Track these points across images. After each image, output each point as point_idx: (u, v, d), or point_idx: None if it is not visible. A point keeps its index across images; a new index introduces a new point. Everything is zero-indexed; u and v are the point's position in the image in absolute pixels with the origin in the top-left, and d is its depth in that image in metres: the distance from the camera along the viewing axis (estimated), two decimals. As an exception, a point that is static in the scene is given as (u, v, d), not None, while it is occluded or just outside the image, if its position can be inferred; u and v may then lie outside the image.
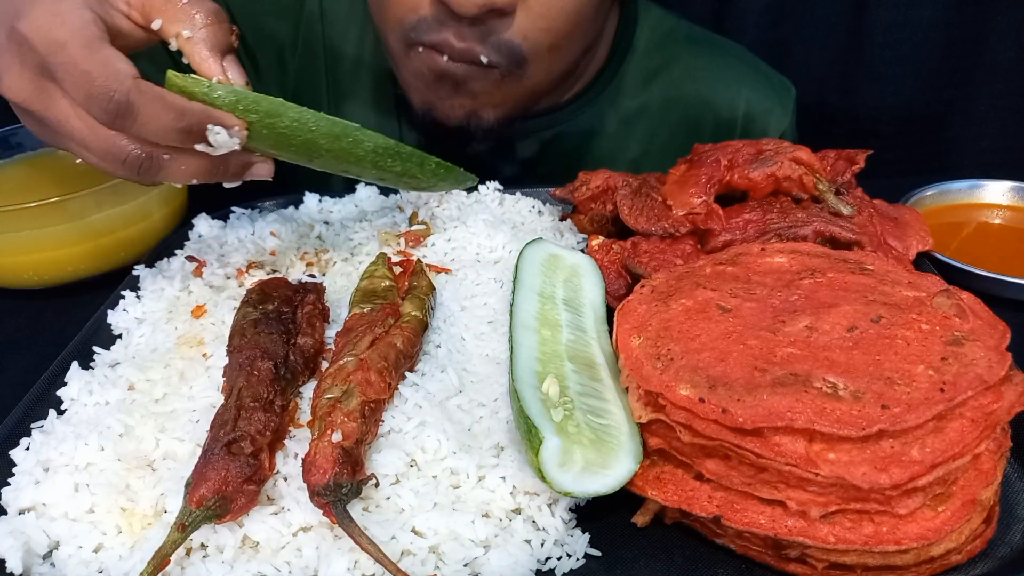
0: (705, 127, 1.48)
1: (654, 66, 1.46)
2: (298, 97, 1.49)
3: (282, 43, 1.46)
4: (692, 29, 1.54)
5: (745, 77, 1.50)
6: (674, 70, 1.47)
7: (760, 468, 0.65)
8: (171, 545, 0.64)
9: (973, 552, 0.67)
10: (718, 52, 1.53)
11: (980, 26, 1.77)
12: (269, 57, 1.47)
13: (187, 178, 0.86)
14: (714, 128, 1.48)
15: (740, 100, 1.47)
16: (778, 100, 1.50)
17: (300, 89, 1.48)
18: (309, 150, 0.87)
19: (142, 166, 0.82)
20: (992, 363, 0.66)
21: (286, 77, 1.49)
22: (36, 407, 0.85)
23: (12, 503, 0.73)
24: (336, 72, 1.47)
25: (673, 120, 1.48)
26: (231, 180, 0.90)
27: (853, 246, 0.93)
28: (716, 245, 0.96)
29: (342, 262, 1.09)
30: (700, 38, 1.53)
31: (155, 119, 0.79)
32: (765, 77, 1.52)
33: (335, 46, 1.45)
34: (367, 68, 1.46)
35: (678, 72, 1.47)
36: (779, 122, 1.49)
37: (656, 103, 1.47)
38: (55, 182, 1.24)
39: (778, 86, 1.52)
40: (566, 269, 0.93)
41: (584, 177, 1.17)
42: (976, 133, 1.89)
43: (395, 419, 0.77)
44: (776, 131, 1.49)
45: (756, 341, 0.71)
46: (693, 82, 1.47)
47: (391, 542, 0.67)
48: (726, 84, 1.48)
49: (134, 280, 1.07)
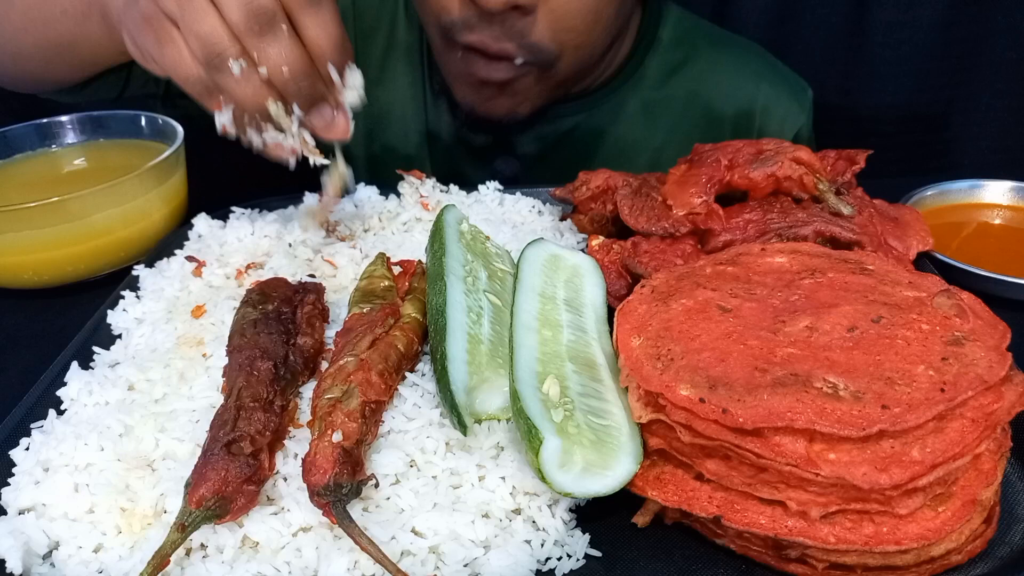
0: (725, 121, 1.52)
1: (676, 60, 1.51)
2: None
3: None
4: (712, 28, 1.60)
5: (764, 75, 1.54)
6: (696, 65, 1.52)
7: (760, 468, 0.65)
8: (171, 545, 0.64)
9: (973, 552, 0.67)
10: (738, 50, 1.58)
11: (980, 26, 1.77)
12: None
13: (256, 99, 0.88)
14: (733, 122, 1.52)
15: (759, 96, 1.52)
16: (795, 98, 1.54)
17: None
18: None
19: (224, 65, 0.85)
20: (992, 363, 0.66)
21: None
22: (36, 407, 0.85)
23: (12, 503, 0.73)
24: (367, 58, 1.50)
25: (694, 113, 1.52)
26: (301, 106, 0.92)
27: (853, 246, 0.93)
28: (716, 245, 0.96)
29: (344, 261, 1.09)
30: (721, 36, 1.59)
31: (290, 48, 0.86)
32: (783, 76, 1.56)
33: (365, 33, 1.50)
34: (398, 55, 1.50)
35: (700, 67, 1.52)
36: (796, 119, 1.53)
37: (678, 96, 1.51)
38: (55, 182, 1.25)
39: (795, 85, 1.56)
40: (567, 269, 0.93)
41: (584, 177, 1.17)
42: (976, 133, 1.89)
43: (395, 419, 0.77)
44: (792, 128, 1.52)
45: (756, 341, 0.71)
46: (714, 77, 1.52)
47: (391, 542, 0.67)
48: (745, 80, 1.52)
49: (134, 280, 1.07)
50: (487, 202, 1.23)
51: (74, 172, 1.27)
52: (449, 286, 0.86)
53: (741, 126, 1.52)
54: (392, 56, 1.51)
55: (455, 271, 0.89)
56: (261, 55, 0.86)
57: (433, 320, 0.84)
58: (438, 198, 1.24)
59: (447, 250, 0.91)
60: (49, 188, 1.07)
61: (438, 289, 0.86)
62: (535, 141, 1.51)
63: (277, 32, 0.85)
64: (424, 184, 1.25)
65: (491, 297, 0.89)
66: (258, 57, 0.86)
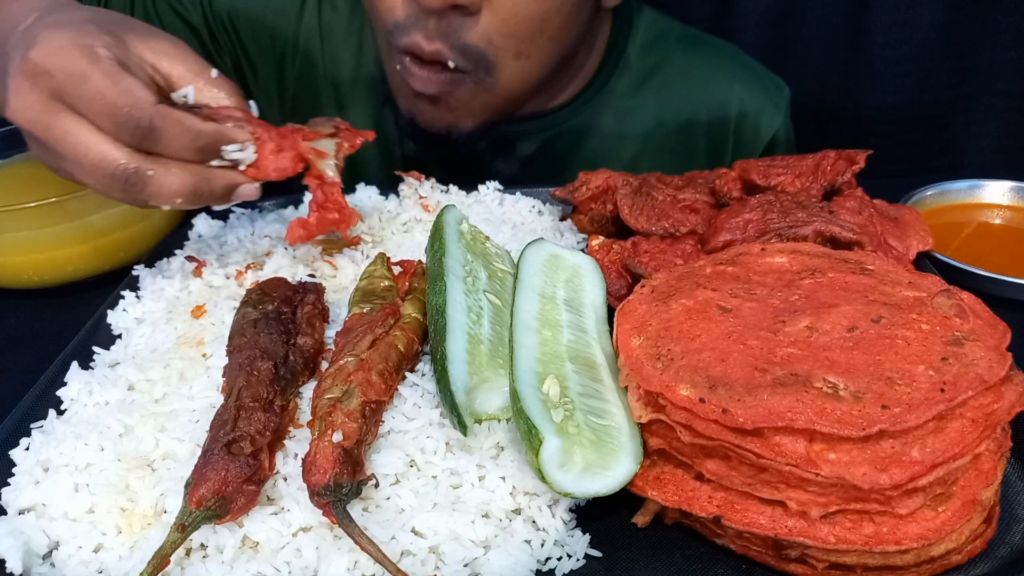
0: (699, 126, 1.50)
1: (648, 67, 1.48)
2: (297, 106, 1.51)
3: (282, 53, 1.49)
4: (685, 30, 1.55)
5: (737, 76, 1.51)
6: (667, 71, 1.49)
7: (760, 468, 0.65)
8: (171, 545, 0.64)
9: (973, 552, 0.67)
10: (711, 52, 1.54)
11: (980, 26, 1.76)
12: (268, 66, 1.49)
13: (173, 196, 0.90)
14: (707, 127, 1.50)
15: (733, 98, 1.49)
16: (770, 99, 1.51)
17: (299, 98, 1.51)
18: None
19: (128, 180, 0.87)
20: (992, 363, 0.66)
21: (285, 86, 1.51)
22: (36, 407, 0.85)
23: (12, 503, 0.73)
24: (336, 81, 1.49)
25: (668, 119, 1.49)
26: (218, 201, 0.95)
27: (853, 246, 0.93)
28: (716, 245, 0.96)
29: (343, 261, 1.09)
30: (693, 38, 1.55)
31: (176, 139, 0.88)
32: (757, 76, 1.54)
33: (335, 57, 1.48)
34: (367, 78, 1.48)
35: (671, 72, 1.49)
36: (771, 120, 1.50)
37: (650, 103, 1.49)
38: (55, 182, 1.24)
39: (770, 85, 1.53)
40: (567, 269, 0.93)
41: (584, 177, 1.17)
42: (976, 133, 1.88)
43: (395, 419, 0.78)
44: (769, 130, 1.50)
45: (756, 341, 0.71)
46: (686, 82, 1.49)
47: (391, 542, 0.67)
48: (719, 83, 1.50)
49: (134, 280, 1.07)
50: (487, 202, 1.23)
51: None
52: (449, 286, 0.86)
53: (715, 130, 1.49)
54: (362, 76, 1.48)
55: (455, 271, 0.89)
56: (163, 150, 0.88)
57: (433, 320, 0.84)
58: (438, 198, 1.24)
59: (447, 250, 0.91)
60: (49, 188, 1.07)
61: (438, 289, 0.86)
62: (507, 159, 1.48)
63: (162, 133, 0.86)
64: (424, 184, 1.25)
65: (491, 297, 0.89)
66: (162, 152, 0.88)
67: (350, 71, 1.48)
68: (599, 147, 1.49)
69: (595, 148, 1.49)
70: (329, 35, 1.47)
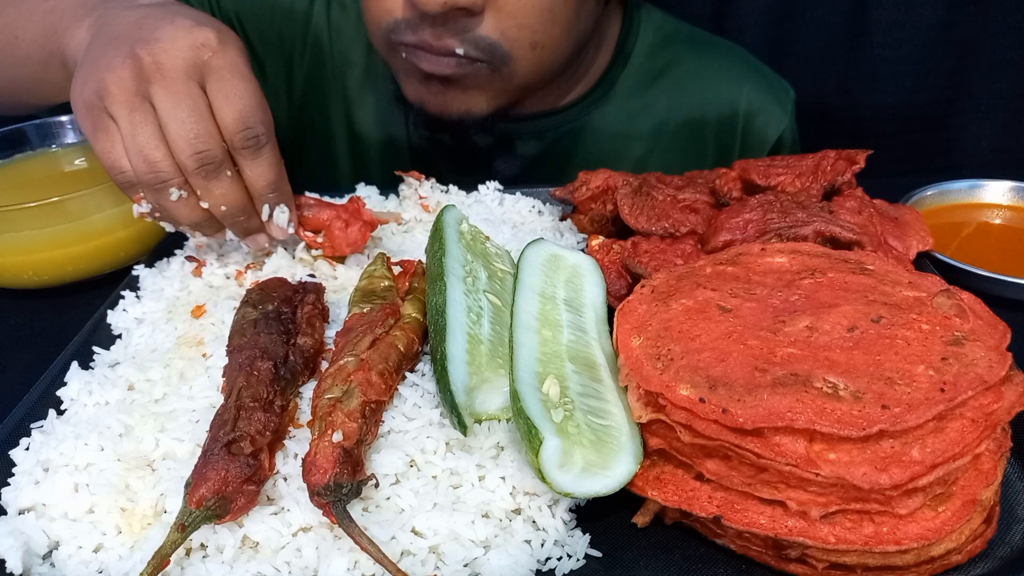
0: (707, 127, 1.50)
1: (656, 68, 1.49)
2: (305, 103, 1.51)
3: (290, 52, 1.49)
4: (693, 31, 1.56)
5: (746, 77, 1.52)
6: (676, 71, 1.50)
7: (760, 468, 0.65)
8: (171, 545, 0.64)
9: (973, 552, 0.67)
10: (719, 53, 1.55)
11: (980, 26, 1.76)
12: (277, 66, 1.50)
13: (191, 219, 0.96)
14: (716, 128, 1.50)
15: (741, 100, 1.50)
16: (777, 101, 1.52)
17: (308, 95, 1.51)
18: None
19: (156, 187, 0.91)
20: (992, 363, 0.66)
21: (294, 85, 1.51)
22: (36, 407, 0.85)
23: (12, 503, 0.73)
24: (345, 81, 1.50)
25: (676, 120, 1.50)
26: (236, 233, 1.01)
27: (853, 246, 0.93)
28: (716, 245, 0.96)
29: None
30: (701, 40, 1.56)
31: (231, 190, 0.94)
32: (765, 78, 1.55)
33: (343, 55, 1.48)
34: (376, 76, 1.48)
35: (680, 73, 1.50)
36: (778, 122, 1.51)
37: (659, 104, 1.49)
38: (55, 182, 1.24)
39: (777, 87, 1.54)
40: (567, 269, 0.93)
41: (584, 177, 1.17)
42: (976, 133, 1.88)
43: (395, 419, 0.77)
44: (775, 131, 1.51)
45: (756, 341, 0.71)
46: (695, 82, 1.50)
47: (391, 542, 0.67)
48: (727, 84, 1.50)
49: (134, 280, 1.07)
50: (487, 202, 1.23)
51: (74, 172, 1.27)
52: (449, 286, 0.86)
53: (724, 130, 1.50)
54: (371, 74, 1.49)
55: (455, 271, 0.89)
56: (204, 193, 0.93)
57: (433, 320, 0.84)
58: (438, 198, 1.24)
59: (447, 250, 0.91)
60: (49, 188, 1.07)
61: (438, 289, 0.86)
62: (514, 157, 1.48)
63: (222, 177, 0.93)
64: (424, 185, 1.25)
65: (491, 297, 0.89)
66: (201, 194, 0.93)
67: (359, 70, 1.49)
68: (607, 147, 1.50)
69: (603, 148, 1.50)
70: (338, 34, 1.48)
